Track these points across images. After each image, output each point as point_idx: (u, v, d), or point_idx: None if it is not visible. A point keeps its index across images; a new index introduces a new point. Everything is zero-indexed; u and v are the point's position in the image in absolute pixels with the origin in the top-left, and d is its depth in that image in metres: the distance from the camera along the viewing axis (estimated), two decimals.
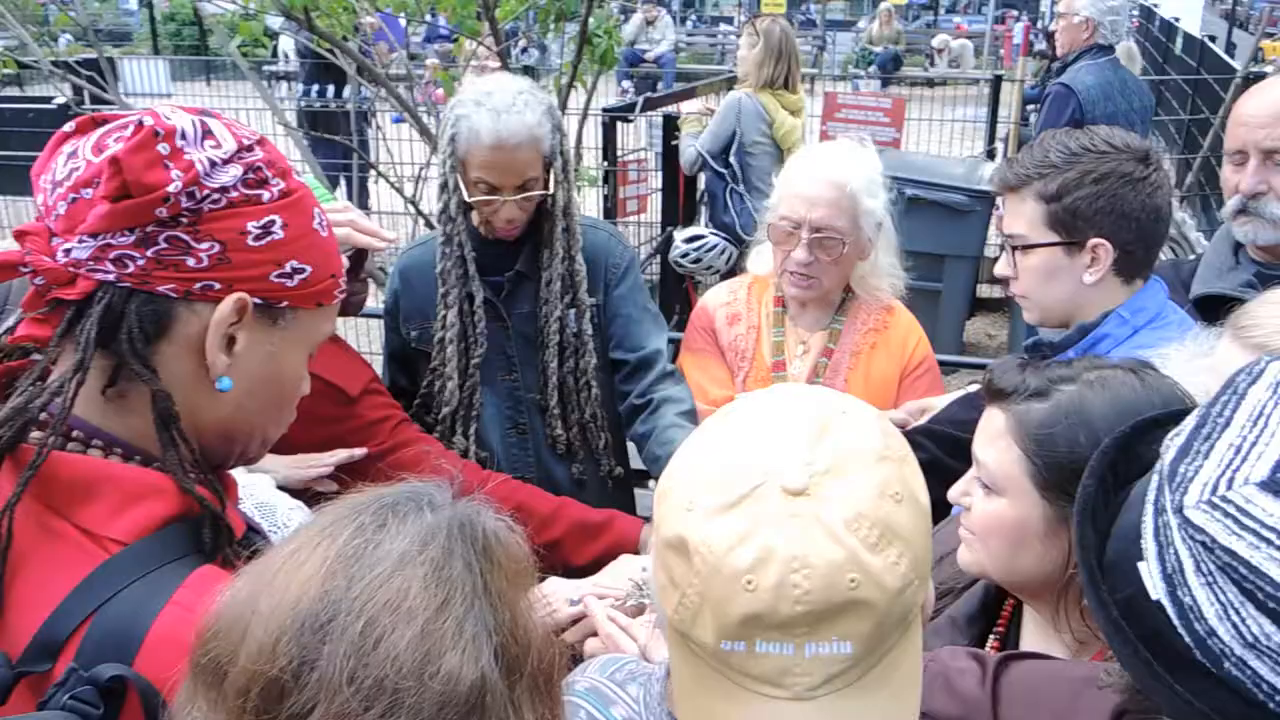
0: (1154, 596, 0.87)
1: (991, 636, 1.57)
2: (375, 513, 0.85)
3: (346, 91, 6.36)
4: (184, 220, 1.03)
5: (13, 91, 10.53)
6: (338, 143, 4.53)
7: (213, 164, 1.04)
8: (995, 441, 1.42)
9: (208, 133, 1.06)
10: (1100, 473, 1.00)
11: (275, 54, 12.27)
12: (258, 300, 1.09)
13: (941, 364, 2.67)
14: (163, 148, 1.02)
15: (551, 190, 2.32)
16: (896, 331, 2.54)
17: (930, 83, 15.00)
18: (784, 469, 0.90)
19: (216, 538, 1.09)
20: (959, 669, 1.31)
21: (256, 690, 0.77)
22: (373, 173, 4.89)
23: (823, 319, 2.53)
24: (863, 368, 2.50)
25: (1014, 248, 2.02)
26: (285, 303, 1.12)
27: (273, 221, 1.08)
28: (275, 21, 4.42)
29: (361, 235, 1.98)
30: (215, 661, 0.80)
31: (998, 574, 1.48)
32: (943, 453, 1.93)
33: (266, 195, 1.08)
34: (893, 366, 2.51)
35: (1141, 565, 0.89)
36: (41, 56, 4.49)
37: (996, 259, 7.33)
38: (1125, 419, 1.31)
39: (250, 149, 1.08)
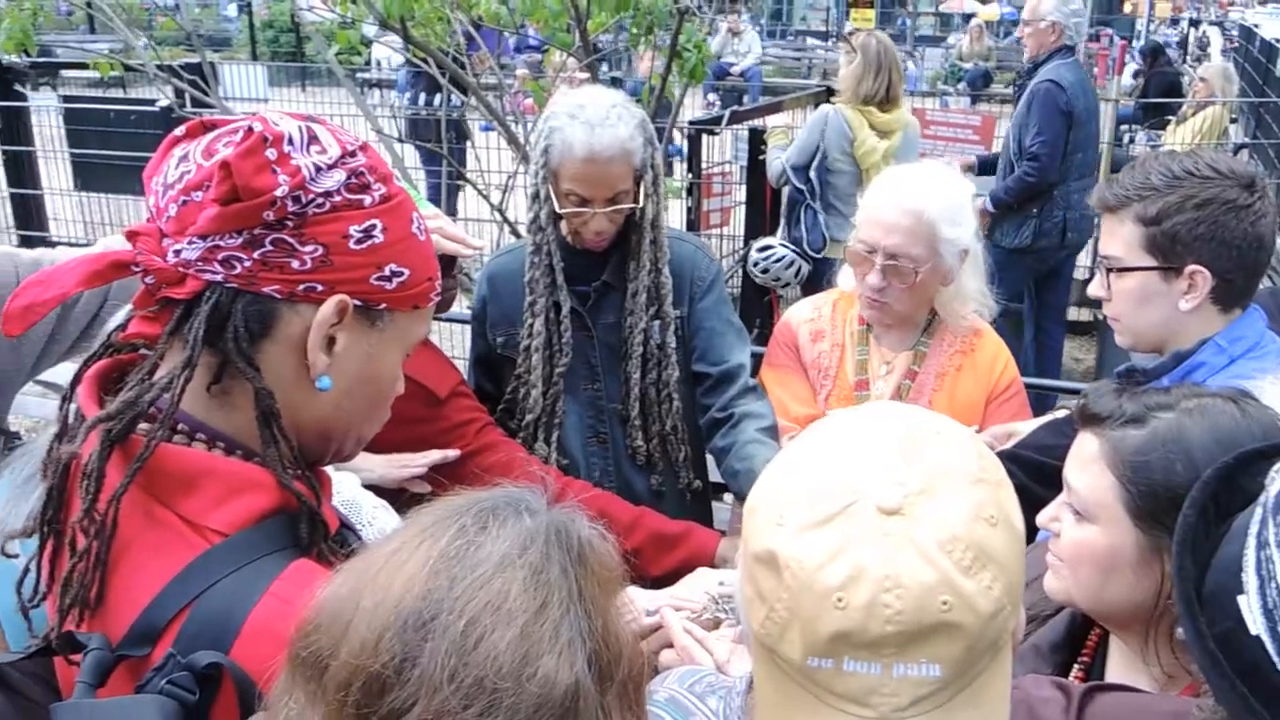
0: (1254, 631, 0.86)
1: (1076, 666, 1.54)
2: (476, 515, 0.86)
3: (437, 99, 6.48)
4: (289, 224, 1.07)
5: (116, 93, 10.87)
6: (432, 150, 4.61)
7: (318, 169, 1.07)
8: (1088, 467, 1.40)
9: (313, 138, 1.09)
10: (1201, 503, 0.98)
11: (369, 62, 12.51)
12: (357, 302, 1.12)
13: (1026, 387, 2.62)
14: (271, 153, 1.05)
15: (641, 204, 2.34)
16: (983, 354, 2.50)
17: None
18: (878, 487, 0.90)
19: (312, 532, 1.12)
20: (1042, 698, 1.28)
21: (358, 685, 0.79)
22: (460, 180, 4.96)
23: (908, 339, 2.51)
24: (948, 390, 2.47)
25: (1109, 269, 1.98)
26: (383, 305, 1.14)
27: (374, 225, 1.11)
28: (370, 29, 4.50)
29: (448, 242, 2.02)
30: (316, 655, 0.82)
31: (1086, 602, 1.45)
32: (1029, 478, 1.90)
33: (368, 200, 1.11)
34: (979, 390, 2.48)
35: (1241, 599, 0.87)
36: (147, 60, 4.63)
37: (1086, 281, 7.19)
38: (1224, 449, 1.29)
39: (353, 154, 1.11)
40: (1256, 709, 0.85)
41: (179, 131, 1.13)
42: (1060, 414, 2.26)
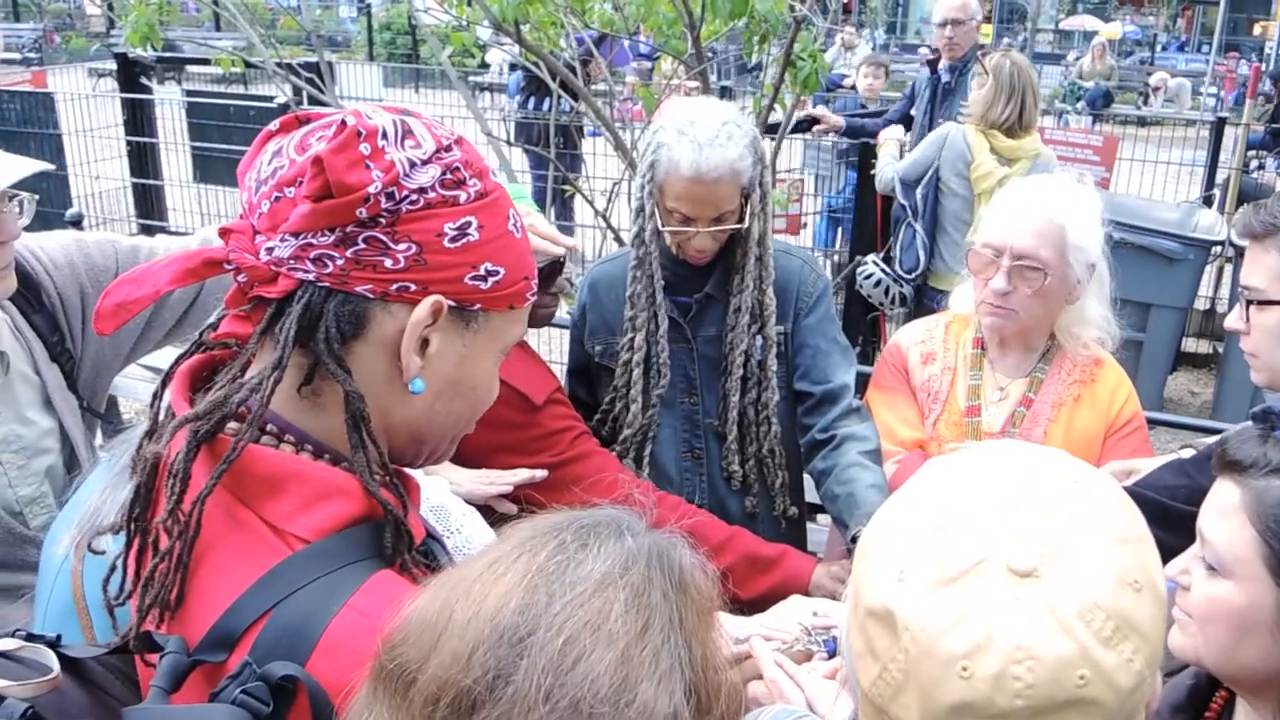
0: None
1: None
2: (576, 532, 0.82)
3: (546, 104, 6.51)
4: (383, 221, 1.03)
5: (237, 89, 11.20)
6: (540, 154, 4.62)
7: (412, 164, 1.04)
8: (1227, 518, 1.29)
9: (408, 132, 1.05)
10: None
11: (483, 65, 12.68)
12: (451, 302, 1.08)
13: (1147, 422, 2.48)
14: (364, 148, 1.02)
15: (747, 223, 2.27)
16: (1104, 385, 2.37)
17: (1143, 121, 14.32)
18: (1011, 546, 0.82)
19: (396, 542, 1.08)
20: None
21: (447, 700, 0.75)
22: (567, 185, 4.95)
23: (1024, 365, 2.39)
24: (1064, 421, 2.35)
25: (1249, 301, 1.85)
26: (478, 305, 1.10)
27: (469, 223, 1.06)
28: (484, 33, 4.53)
29: (539, 240, 1.98)
30: (402, 667, 0.79)
31: (1214, 663, 1.34)
32: (1151, 522, 1.79)
33: (463, 196, 1.06)
34: (1097, 423, 2.35)
35: None
36: (268, 58, 4.73)
37: (1207, 312, 6.94)
38: None
39: (448, 149, 1.07)
40: None
41: (273, 126, 1.11)
42: (1185, 453, 2.13)
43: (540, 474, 2.14)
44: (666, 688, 0.75)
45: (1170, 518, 1.64)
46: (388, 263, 1.04)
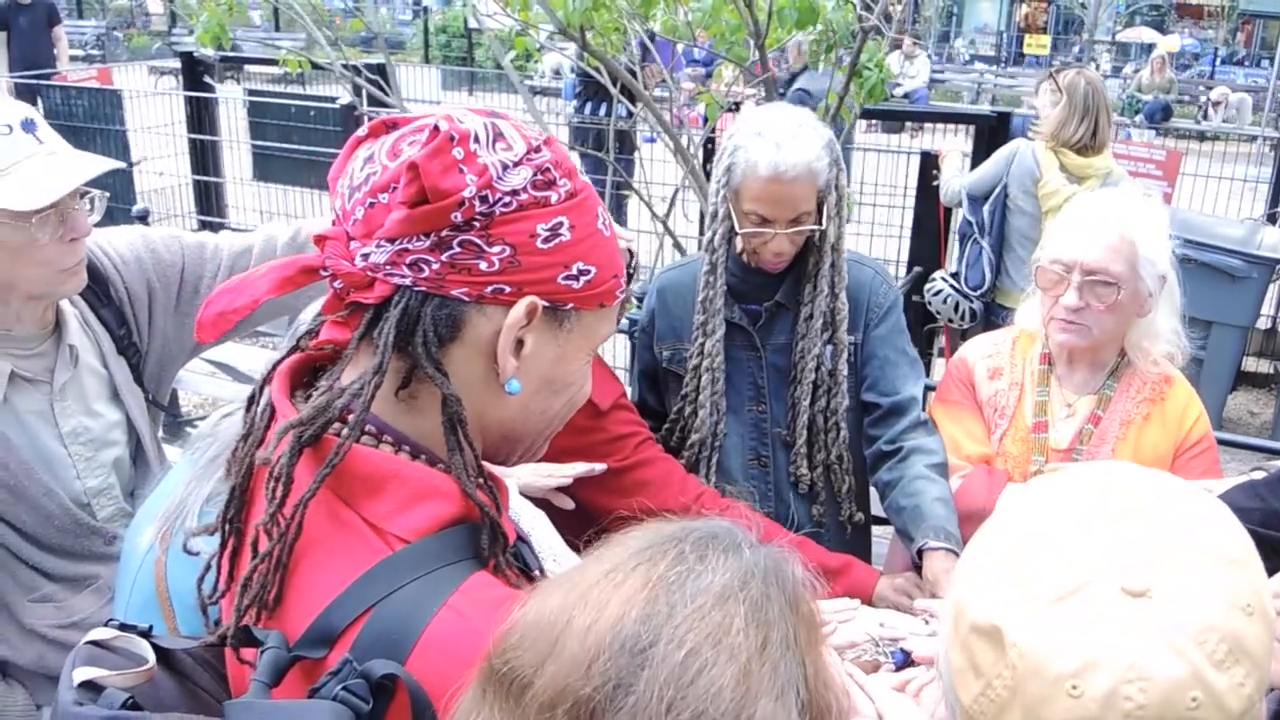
0: None
1: None
2: (695, 543, 0.82)
3: (603, 109, 6.52)
4: (477, 224, 1.03)
5: (295, 89, 11.32)
6: (599, 158, 4.63)
7: (504, 167, 1.04)
8: None
9: (499, 135, 1.06)
10: None
11: (540, 69, 12.75)
12: (545, 303, 1.08)
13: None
14: (458, 152, 1.02)
15: (824, 226, 2.27)
16: (1174, 404, 2.34)
17: (1202, 136, 14.10)
18: (1123, 565, 0.82)
19: (492, 544, 1.09)
20: None
21: (564, 708, 0.75)
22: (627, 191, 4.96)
23: (1092, 382, 2.36)
24: (1133, 439, 2.31)
25: None
26: (571, 304, 1.11)
27: (560, 223, 1.07)
28: (541, 36, 4.54)
29: None
30: (516, 671, 0.78)
31: None
32: None
33: (554, 197, 1.07)
34: (1167, 442, 2.32)
35: None
36: (334, 58, 4.78)
37: (1269, 331, 6.82)
38: None
39: (538, 150, 1.07)
40: None
41: (361, 131, 1.11)
42: (1257, 475, 2.10)
43: (599, 467, 2.16)
44: (784, 704, 0.75)
45: None
46: (482, 265, 1.04)
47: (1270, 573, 1.36)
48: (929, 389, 2.53)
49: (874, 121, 12.34)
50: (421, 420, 1.10)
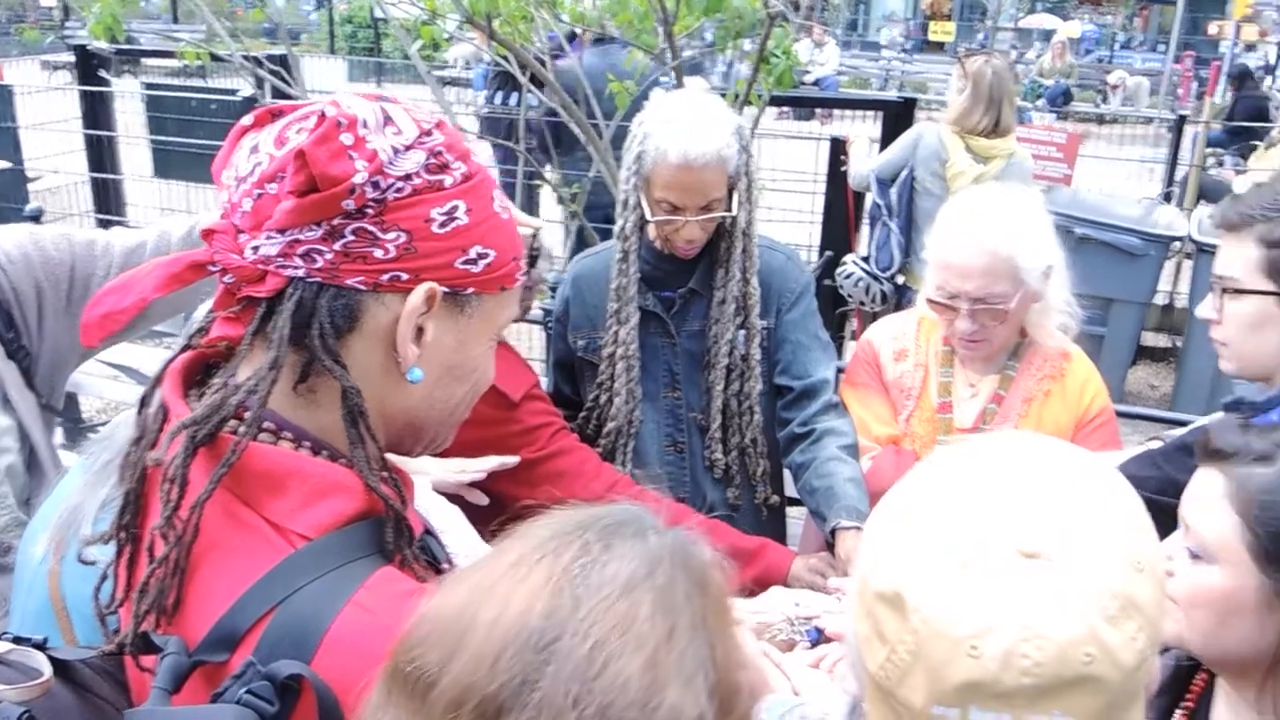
0: None
1: (1178, 711, 1.47)
2: (600, 532, 0.81)
3: (514, 98, 6.46)
4: (370, 211, 1.01)
5: (196, 82, 11.05)
6: (509, 148, 4.60)
7: (395, 151, 1.02)
8: (1210, 506, 1.32)
9: (389, 119, 1.04)
10: None
11: (447, 59, 12.62)
12: (445, 288, 1.07)
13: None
14: (346, 138, 1.00)
15: (734, 212, 2.28)
16: (1073, 380, 2.40)
17: (1101, 119, 14.51)
18: (1019, 529, 0.84)
19: (398, 538, 1.07)
20: None
21: (470, 706, 0.74)
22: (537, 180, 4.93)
23: (995, 362, 2.41)
24: (1034, 416, 2.37)
25: (1223, 290, 1.88)
26: (471, 289, 1.09)
27: (456, 207, 1.05)
28: (449, 26, 4.49)
29: None
30: (421, 670, 0.77)
31: (1198, 647, 1.37)
32: None
33: (449, 180, 1.05)
34: (1067, 416, 2.38)
35: None
36: (233, 50, 4.67)
37: (1166, 306, 7.03)
38: None
39: (430, 133, 1.06)
40: None
41: (246, 121, 1.08)
42: (1153, 445, 2.17)
43: (513, 460, 2.14)
44: (693, 690, 0.75)
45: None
46: (378, 253, 1.02)
47: (1163, 537, 1.41)
48: (840, 371, 2.56)
49: (785, 109, 12.46)
50: (321, 414, 1.08)
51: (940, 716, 0.82)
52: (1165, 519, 1.42)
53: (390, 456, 1.90)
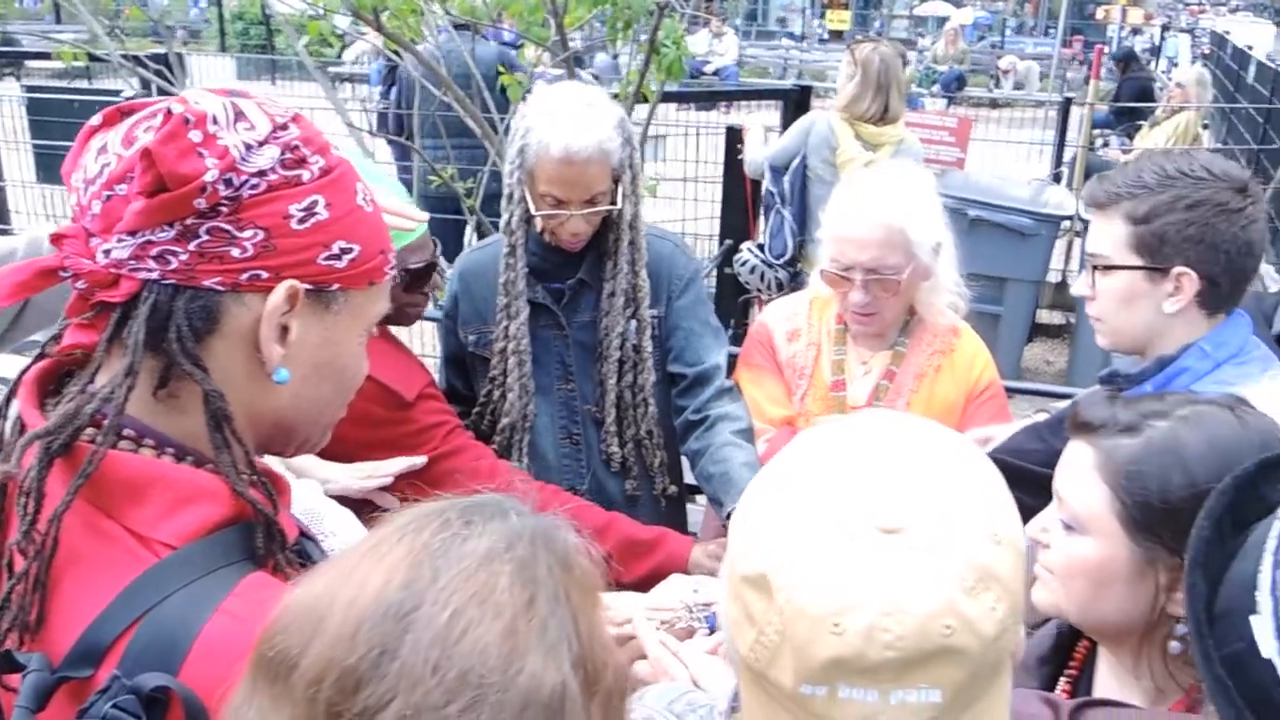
0: (1265, 654, 0.81)
1: (1063, 679, 1.50)
2: (460, 511, 0.81)
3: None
4: (224, 209, 0.99)
5: (81, 84, 10.71)
6: (405, 145, 4.55)
7: (248, 147, 1.00)
8: (1080, 478, 1.36)
9: (240, 114, 1.01)
10: (1218, 515, 0.93)
11: (340, 55, 12.42)
12: (308, 286, 1.04)
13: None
14: (195, 135, 0.98)
15: (619, 204, 2.28)
16: (962, 355, 2.46)
17: (994, 104, 14.86)
18: (877, 506, 0.85)
19: (269, 543, 1.05)
20: (1030, 715, 1.24)
21: (331, 680, 0.73)
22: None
23: (886, 339, 2.46)
24: (925, 391, 2.42)
25: (1095, 267, 1.94)
26: (336, 285, 1.07)
27: (315, 202, 1.03)
28: (343, 22, 4.42)
29: (390, 218, 1.94)
30: (283, 654, 0.76)
31: (1076, 616, 1.41)
32: (1010, 485, 1.86)
33: (306, 175, 1.03)
34: (957, 391, 2.43)
35: (1255, 619, 0.82)
36: (112, 49, 4.54)
37: (1059, 284, 7.22)
38: (1221, 458, 1.25)
39: (285, 127, 1.03)
40: None
41: (95, 120, 1.05)
42: (1040, 417, 2.23)
43: (420, 461, 2.12)
44: (554, 658, 0.75)
45: (1027, 480, 1.70)
46: (235, 252, 1.00)
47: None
48: (734, 357, 2.58)
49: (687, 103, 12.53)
50: (184, 419, 1.05)
51: (810, 696, 0.83)
52: (1049, 490, 1.46)
53: (293, 462, 1.87)
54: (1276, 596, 0.81)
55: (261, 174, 1.00)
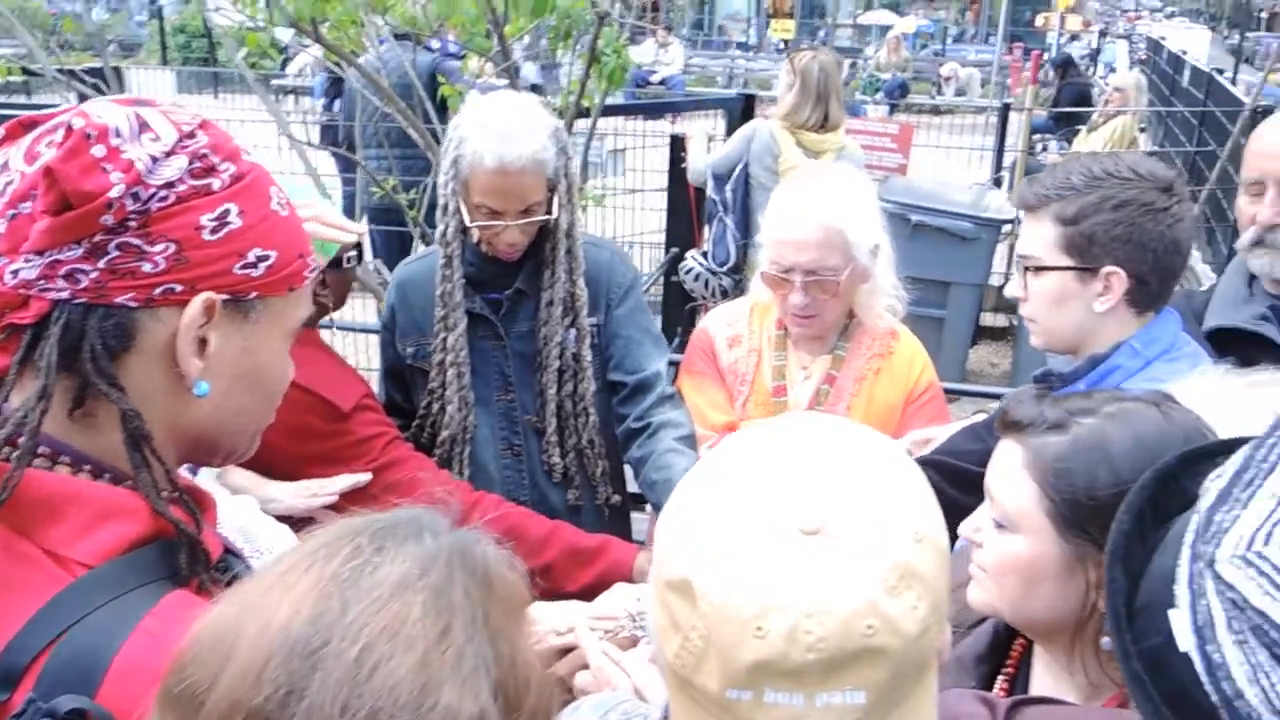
0: (1183, 648, 0.81)
1: (1000, 677, 1.51)
2: (372, 536, 0.79)
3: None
4: (132, 224, 0.97)
5: (20, 99, 10.52)
6: (348, 157, 4.52)
7: (154, 159, 0.98)
8: (1010, 476, 1.37)
9: (144, 125, 0.99)
10: (1138, 508, 0.93)
11: (284, 67, 12.32)
12: (224, 296, 1.03)
13: (944, 392, 2.61)
14: (98, 150, 0.96)
15: (555, 214, 2.27)
16: (901, 358, 2.48)
17: (937, 110, 15.04)
18: (800, 508, 0.85)
19: (192, 561, 1.03)
20: (967, 714, 1.24)
21: None
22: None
23: (825, 343, 2.47)
24: (865, 394, 2.44)
25: (1026, 268, 1.97)
26: (254, 294, 1.06)
27: (228, 211, 1.02)
28: (285, 34, 4.38)
29: (327, 229, 1.93)
30: (191, 690, 0.74)
31: (1010, 613, 1.42)
32: (948, 485, 1.87)
33: (216, 183, 1.02)
34: (897, 393, 2.45)
35: (1173, 613, 0.82)
36: (46, 64, 4.45)
37: (1001, 287, 7.29)
38: (1147, 453, 1.26)
39: (192, 135, 1.01)
40: None
41: None
42: (979, 418, 2.25)
43: (364, 478, 2.09)
44: (471, 688, 0.73)
45: (965, 480, 1.73)
46: (146, 267, 0.98)
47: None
48: (674, 364, 2.58)
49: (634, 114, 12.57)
50: (101, 438, 1.03)
51: (735, 700, 0.83)
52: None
53: (234, 480, 1.83)
54: (1194, 589, 0.81)
55: (169, 185, 0.99)
